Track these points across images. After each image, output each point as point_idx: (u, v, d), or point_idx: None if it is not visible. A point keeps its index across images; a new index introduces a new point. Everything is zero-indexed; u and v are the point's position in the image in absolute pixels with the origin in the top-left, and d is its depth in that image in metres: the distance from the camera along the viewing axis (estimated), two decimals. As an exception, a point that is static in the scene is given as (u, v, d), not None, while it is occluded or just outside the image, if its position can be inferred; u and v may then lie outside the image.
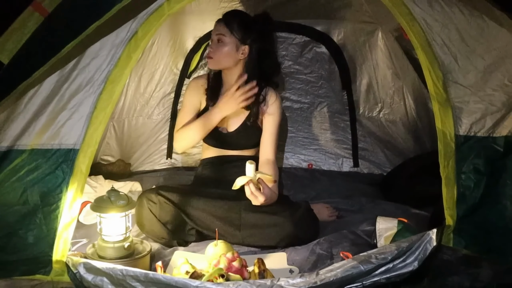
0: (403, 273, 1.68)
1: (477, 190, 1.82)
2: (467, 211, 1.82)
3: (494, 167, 1.82)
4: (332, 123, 3.16)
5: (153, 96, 3.06)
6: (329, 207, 2.50)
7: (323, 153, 3.19)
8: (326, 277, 1.59)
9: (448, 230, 1.82)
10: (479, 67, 1.84)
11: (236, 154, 2.38)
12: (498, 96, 1.84)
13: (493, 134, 1.84)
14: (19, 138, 1.73)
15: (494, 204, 1.82)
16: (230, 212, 2.16)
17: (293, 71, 3.11)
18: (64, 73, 1.74)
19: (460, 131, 1.82)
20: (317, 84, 3.13)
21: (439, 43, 1.81)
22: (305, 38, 3.05)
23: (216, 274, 1.64)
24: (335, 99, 3.14)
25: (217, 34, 2.30)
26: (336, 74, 3.09)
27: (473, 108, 1.83)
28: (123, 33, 1.74)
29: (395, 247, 1.69)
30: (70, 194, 1.72)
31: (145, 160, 3.14)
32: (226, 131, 2.37)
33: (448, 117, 1.82)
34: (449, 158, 1.81)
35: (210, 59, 2.32)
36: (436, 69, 1.81)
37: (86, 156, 1.73)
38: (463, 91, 1.83)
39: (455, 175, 1.81)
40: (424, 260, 1.69)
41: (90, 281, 1.63)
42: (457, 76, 1.83)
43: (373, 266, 1.64)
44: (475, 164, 1.82)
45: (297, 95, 3.15)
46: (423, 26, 1.80)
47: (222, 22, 2.31)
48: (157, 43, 2.92)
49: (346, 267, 1.62)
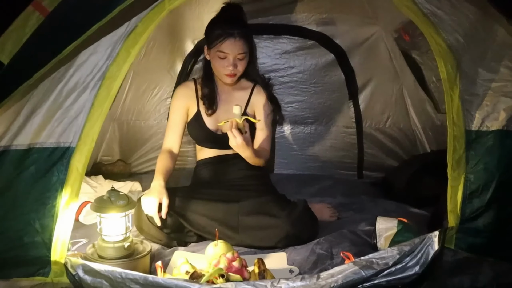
0: (404, 277, 1.65)
1: (485, 191, 1.72)
2: (472, 214, 1.74)
3: (507, 166, 1.71)
4: (338, 138, 3.12)
5: (150, 100, 3.06)
6: (330, 207, 2.49)
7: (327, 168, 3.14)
8: (326, 282, 1.57)
9: (450, 232, 1.76)
10: (492, 58, 1.75)
11: (232, 153, 2.38)
12: (511, 87, 1.73)
13: (507, 127, 1.71)
14: (16, 137, 1.72)
15: (504, 207, 1.71)
16: (228, 215, 2.16)
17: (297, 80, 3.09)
18: (60, 70, 1.72)
19: (471, 126, 1.72)
20: (322, 95, 3.09)
21: (452, 34, 1.72)
22: (308, 42, 3.02)
23: (216, 274, 1.64)
24: (341, 111, 3.10)
25: (240, 53, 2.22)
26: (342, 83, 3.05)
27: (485, 101, 1.72)
28: (122, 28, 1.72)
29: (397, 251, 1.65)
30: (66, 194, 1.71)
31: (145, 161, 3.14)
32: (221, 133, 2.36)
33: (459, 111, 1.72)
34: (458, 155, 1.71)
35: (233, 76, 2.27)
36: (451, 59, 1.71)
37: (82, 155, 1.72)
38: (474, 83, 1.73)
39: (463, 174, 1.71)
40: (427, 265, 1.65)
41: (89, 283, 1.62)
42: (467, 67, 1.74)
43: (375, 271, 1.61)
44: (486, 162, 1.71)
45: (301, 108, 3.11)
46: (433, 19, 1.72)
47: (243, 39, 2.23)
48: (156, 47, 2.91)
49: (347, 273, 1.59)
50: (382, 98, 3.06)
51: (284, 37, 3.03)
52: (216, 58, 2.25)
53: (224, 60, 2.23)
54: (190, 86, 2.41)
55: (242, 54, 2.23)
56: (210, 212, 2.16)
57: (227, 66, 2.23)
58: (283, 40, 3.03)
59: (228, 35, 2.20)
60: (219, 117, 2.32)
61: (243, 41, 2.22)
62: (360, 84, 3.06)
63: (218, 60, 2.24)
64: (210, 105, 2.34)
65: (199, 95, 2.37)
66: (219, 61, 2.24)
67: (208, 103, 2.34)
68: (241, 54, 2.23)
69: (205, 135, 2.36)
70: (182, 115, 2.36)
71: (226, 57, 2.22)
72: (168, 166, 2.25)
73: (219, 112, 2.35)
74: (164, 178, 2.16)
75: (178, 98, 2.39)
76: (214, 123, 2.34)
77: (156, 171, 2.21)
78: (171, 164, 2.27)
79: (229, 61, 2.23)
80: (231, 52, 2.21)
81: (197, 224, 2.16)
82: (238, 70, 2.26)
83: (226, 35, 2.20)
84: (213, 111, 2.34)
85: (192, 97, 2.38)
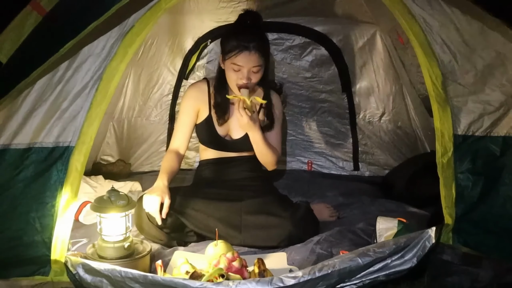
0: (401, 270, 1.69)
1: (475, 190, 1.81)
2: (465, 210, 1.82)
3: (492, 167, 1.82)
4: (332, 127, 3.14)
5: (151, 97, 3.06)
6: (330, 208, 2.50)
7: (323, 155, 3.17)
8: (324, 268, 1.60)
9: (447, 229, 1.81)
10: (478, 66, 1.83)
11: (236, 155, 2.38)
12: (496, 96, 1.83)
13: (490, 133, 1.83)
14: (15, 137, 1.72)
15: (492, 203, 1.82)
16: (231, 213, 2.16)
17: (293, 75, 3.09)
18: (59, 70, 1.73)
19: (458, 130, 1.82)
20: (317, 88, 3.10)
21: (439, 42, 1.81)
22: (305, 40, 3.03)
23: (216, 274, 1.64)
24: (335, 103, 3.11)
25: (254, 66, 2.18)
26: (336, 77, 3.07)
27: (471, 107, 1.82)
28: (120, 28, 1.73)
29: (393, 242, 1.70)
30: (66, 193, 1.71)
31: (145, 161, 3.14)
32: (230, 139, 2.35)
33: (447, 116, 1.81)
34: (447, 157, 1.81)
35: (246, 89, 2.20)
36: (436, 68, 1.80)
37: (81, 154, 1.72)
38: (462, 90, 1.82)
39: (453, 174, 1.81)
40: (423, 257, 1.70)
41: (90, 282, 1.63)
42: (456, 75, 1.82)
43: (371, 259, 1.64)
44: (473, 163, 1.81)
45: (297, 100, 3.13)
46: (422, 25, 1.79)
47: (258, 52, 2.17)
48: (156, 44, 2.91)
49: (344, 259, 1.63)
50: (382, 98, 3.07)
51: (281, 34, 3.04)
52: (230, 70, 2.21)
53: (238, 73, 2.19)
54: (203, 88, 2.35)
55: (257, 67, 2.19)
56: (213, 211, 2.16)
57: (240, 79, 2.19)
58: (281, 38, 3.04)
59: (244, 48, 2.15)
60: (230, 124, 2.32)
61: (258, 54, 2.17)
62: (359, 83, 3.07)
63: (232, 71, 2.20)
64: (222, 115, 2.31)
65: (211, 100, 2.33)
66: (233, 72, 2.20)
67: (221, 113, 2.31)
68: (255, 67, 2.18)
69: (214, 139, 2.34)
70: (192, 117, 2.33)
71: (240, 70, 2.18)
72: (173, 166, 2.23)
73: (230, 119, 2.33)
74: (168, 178, 2.15)
75: (190, 99, 2.34)
76: (225, 129, 2.33)
77: (160, 171, 2.19)
78: (176, 165, 2.25)
79: (243, 74, 2.18)
80: (245, 65, 2.17)
81: (199, 223, 2.15)
82: (251, 83, 2.21)
83: (241, 48, 2.15)
84: (224, 121, 2.32)
85: (204, 101, 2.33)
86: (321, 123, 3.15)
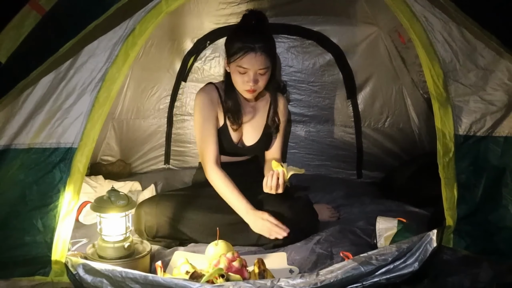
0: (403, 274, 1.67)
1: (477, 191, 1.79)
2: (467, 212, 1.80)
3: (493, 167, 1.80)
4: (337, 136, 3.11)
5: (149, 99, 3.06)
6: (330, 208, 2.50)
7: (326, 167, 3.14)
8: (326, 278, 1.58)
9: (448, 230, 1.80)
10: (480, 65, 1.81)
11: (242, 159, 2.37)
12: (498, 96, 1.81)
13: (492, 133, 1.81)
14: (17, 137, 1.72)
15: (494, 204, 1.80)
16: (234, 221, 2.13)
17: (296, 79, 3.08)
18: (60, 71, 1.72)
19: (460, 130, 1.79)
20: (320, 94, 3.08)
21: (440, 40, 1.78)
22: (305, 41, 3.01)
23: (216, 274, 1.64)
24: (340, 110, 3.09)
25: (261, 68, 2.12)
26: (340, 82, 3.05)
27: (473, 107, 1.80)
28: (121, 31, 1.72)
29: (396, 248, 1.68)
30: (68, 194, 1.71)
31: (145, 161, 3.14)
32: (243, 145, 2.34)
33: (448, 116, 1.79)
34: (449, 158, 1.79)
35: (253, 92, 2.18)
36: (437, 67, 1.78)
37: (83, 155, 1.72)
38: (463, 90, 1.80)
39: (454, 175, 1.79)
40: (425, 261, 1.69)
41: (90, 282, 1.63)
42: (458, 74, 1.80)
43: (374, 267, 1.64)
44: (474, 164, 1.79)
45: (299, 107, 3.10)
46: (424, 23, 1.77)
47: (264, 54, 2.11)
48: (156, 45, 2.91)
49: (346, 268, 1.61)
50: (382, 98, 3.06)
51: (282, 36, 3.02)
52: (236, 73, 2.16)
53: (244, 75, 2.14)
54: (214, 94, 2.29)
55: (264, 69, 2.13)
56: (216, 209, 2.14)
57: (247, 82, 2.14)
58: (281, 40, 3.02)
59: (249, 49, 2.09)
60: (243, 130, 2.31)
61: (264, 55, 2.11)
62: (359, 84, 3.05)
63: (238, 74, 2.15)
64: (236, 120, 2.28)
65: (223, 106, 2.29)
66: (239, 75, 2.15)
67: (235, 118, 2.27)
68: (262, 70, 2.13)
69: (228, 146, 2.32)
70: (215, 124, 2.26)
71: (246, 72, 2.13)
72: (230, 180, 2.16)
73: (243, 125, 2.33)
74: (244, 197, 2.11)
75: (209, 105, 2.25)
76: (238, 135, 2.33)
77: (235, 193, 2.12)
78: None
79: (249, 77, 2.13)
80: (251, 68, 2.11)
81: (200, 223, 2.13)
82: (258, 86, 2.17)
83: (246, 49, 2.09)
84: (239, 126, 2.30)
85: (219, 108, 2.29)
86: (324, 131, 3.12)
